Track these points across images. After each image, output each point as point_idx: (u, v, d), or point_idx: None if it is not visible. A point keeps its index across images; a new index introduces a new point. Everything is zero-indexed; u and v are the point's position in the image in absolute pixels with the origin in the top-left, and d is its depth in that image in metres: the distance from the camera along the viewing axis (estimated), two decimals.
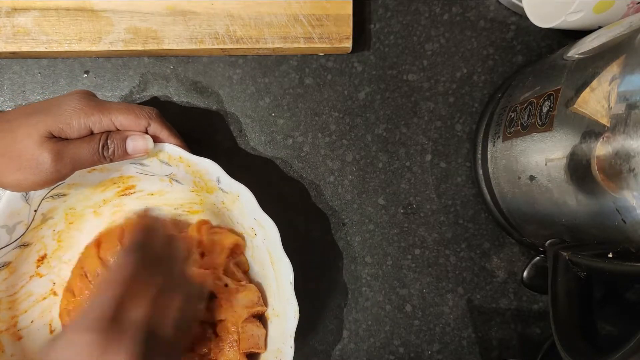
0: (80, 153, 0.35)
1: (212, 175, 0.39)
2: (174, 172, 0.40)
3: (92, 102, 0.36)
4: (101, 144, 0.36)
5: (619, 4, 0.36)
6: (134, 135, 0.37)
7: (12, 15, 0.42)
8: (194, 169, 0.39)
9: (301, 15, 0.43)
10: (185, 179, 0.41)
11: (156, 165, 0.40)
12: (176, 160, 0.39)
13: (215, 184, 0.39)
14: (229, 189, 0.39)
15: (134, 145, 0.37)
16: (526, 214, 0.39)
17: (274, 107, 0.46)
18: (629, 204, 0.28)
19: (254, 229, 0.40)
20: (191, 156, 0.38)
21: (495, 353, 0.47)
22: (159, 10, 0.42)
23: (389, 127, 0.46)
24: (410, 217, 0.47)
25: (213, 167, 0.38)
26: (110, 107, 0.36)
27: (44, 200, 0.39)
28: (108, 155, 0.36)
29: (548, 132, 0.33)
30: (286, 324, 0.39)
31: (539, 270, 0.40)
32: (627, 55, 0.29)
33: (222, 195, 0.40)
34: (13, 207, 0.38)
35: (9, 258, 0.39)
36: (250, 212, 0.39)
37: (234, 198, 0.39)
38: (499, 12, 0.46)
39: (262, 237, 0.40)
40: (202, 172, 0.39)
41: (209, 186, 0.40)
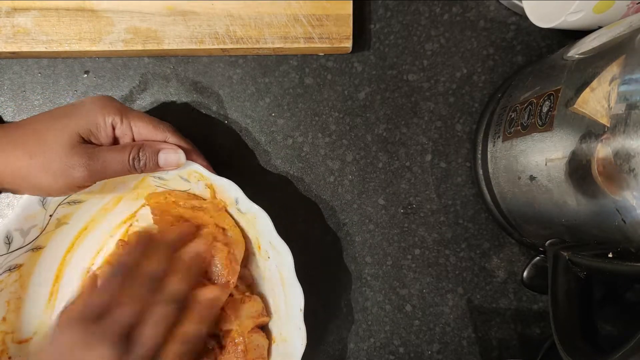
0: (112, 162, 0.35)
1: (230, 196, 0.39)
2: (192, 189, 0.40)
3: (114, 104, 0.36)
4: (132, 156, 0.36)
5: (619, 4, 0.36)
6: (166, 148, 0.37)
7: (12, 15, 0.42)
8: (212, 189, 0.39)
9: (301, 15, 0.43)
10: (203, 195, 0.41)
11: (175, 181, 0.40)
12: (196, 178, 0.39)
13: (233, 204, 0.39)
14: (246, 211, 0.39)
15: (166, 158, 0.37)
16: (526, 214, 0.39)
17: (274, 107, 0.46)
18: (629, 204, 0.28)
19: (267, 252, 0.40)
20: (212, 175, 0.38)
21: (495, 353, 0.47)
22: (159, 10, 0.42)
23: (389, 127, 0.46)
24: (410, 217, 0.47)
25: (232, 187, 0.38)
26: (131, 112, 0.37)
27: (60, 206, 0.39)
28: (139, 166, 0.36)
29: (548, 132, 0.33)
30: (293, 349, 0.39)
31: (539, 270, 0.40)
32: (627, 55, 0.29)
33: (238, 216, 0.40)
34: (29, 211, 0.38)
35: (20, 260, 0.39)
36: (266, 235, 0.39)
37: (250, 219, 0.39)
38: (499, 12, 0.46)
39: (275, 262, 0.40)
40: (220, 191, 0.39)
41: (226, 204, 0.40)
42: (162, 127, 0.37)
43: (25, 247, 0.39)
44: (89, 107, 0.35)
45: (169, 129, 0.38)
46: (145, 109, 0.45)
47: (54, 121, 0.35)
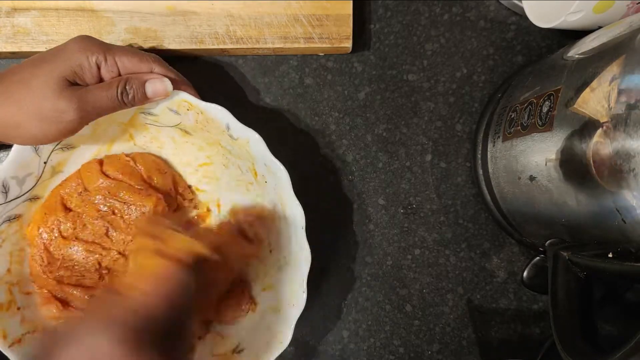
0: (101, 100, 0.35)
1: (221, 122, 0.38)
2: (183, 122, 0.40)
3: (95, 42, 0.36)
4: (120, 90, 0.35)
5: (619, 4, 0.36)
6: (152, 78, 0.37)
7: (12, 15, 0.42)
8: (203, 117, 0.39)
9: (301, 15, 0.43)
10: (195, 128, 0.41)
11: (165, 115, 0.40)
12: (185, 107, 0.38)
13: (224, 131, 0.39)
14: (238, 135, 0.38)
15: (153, 88, 0.37)
16: (526, 214, 0.39)
17: (274, 107, 0.46)
18: (629, 204, 0.28)
19: (264, 176, 0.40)
20: (200, 102, 0.38)
21: (495, 353, 0.47)
22: (159, 10, 0.42)
23: (389, 127, 0.46)
24: (410, 217, 0.47)
25: (222, 112, 0.38)
26: (114, 48, 0.36)
27: (54, 152, 0.39)
28: (129, 100, 0.36)
29: (548, 132, 0.33)
30: (298, 270, 0.39)
31: (539, 270, 0.40)
32: (627, 55, 0.29)
33: (231, 144, 0.40)
34: (23, 157, 0.38)
35: (19, 210, 0.40)
36: (261, 158, 0.39)
37: (243, 144, 0.39)
38: (499, 12, 0.46)
39: (272, 184, 0.40)
40: (211, 119, 0.39)
41: (218, 133, 0.40)
42: (147, 59, 0.37)
43: (22, 197, 0.39)
44: (71, 49, 0.35)
45: (154, 60, 0.37)
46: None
47: (38, 68, 0.34)
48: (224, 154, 0.42)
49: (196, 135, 0.42)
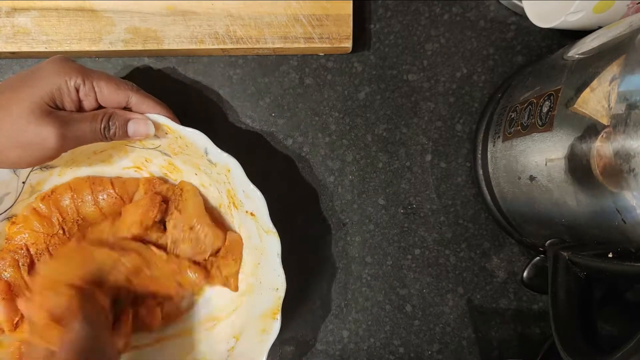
0: (84, 131, 0.35)
1: (199, 146, 0.38)
2: (162, 145, 0.40)
3: (73, 65, 0.35)
4: (103, 125, 0.35)
5: (619, 4, 0.36)
6: (136, 118, 0.37)
7: (12, 16, 0.42)
8: (182, 141, 0.39)
9: (301, 15, 0.43)
10: (174, 151, 0.41)
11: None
12: (163, 131, 0.38)
13: (203, 155, 0.39)
14: (217, 160, 0.38)
15: (135, 128, 0.37)
16: (526, 214, 0.39)
17: (274, 107, 0.46)
18: (629, 204, 0.28)
19: (242, 203, 0.40)
20: (178, 126, 0.38)
21: (495, 353, 0.47)
22: (159, 10, 0.42)
23: (389, 127, 0.46)
24: (410, 217, 0.47)
25: (201, 137, 0.37)
26: (92, 73, 0.36)
27: (32, 172, 0.39)
28: (109, 135, 0.36)
29: (548, 132, 0.33)
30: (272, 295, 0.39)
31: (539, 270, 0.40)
32: (627, 55, 0.29)
33: (210, 168, 0.40)
34: (1, 178, 0.38)
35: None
36: (239, 185, 0.39)
37: (221, 170, 0.39)
38: (499, 12, 0.46)
39: (250, 209, 0.40)
40: (190, 143, 0.39)
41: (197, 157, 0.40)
42: (124, 86, 0.37)
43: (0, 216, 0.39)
44: (49, 71, 0.34)
45: (131, 88, 0.37)
46: None
47: (17, 92, 0.34)
48: (204, 177, 0.42)
49: (176, 158, 0.42)
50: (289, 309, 0.46)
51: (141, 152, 0.42)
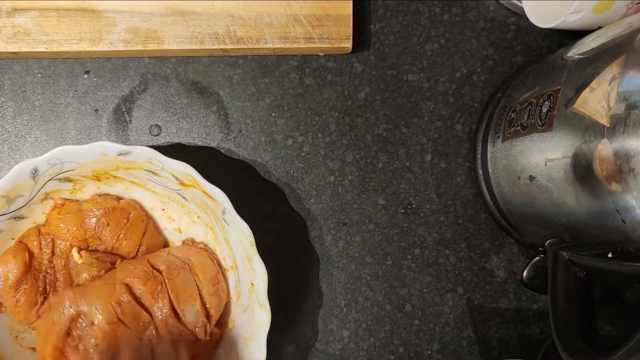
0: None
1: (218, 205, 0.38)
2: (184, 190, 0.40)
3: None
4: None
5: (618, 4, 0.36)
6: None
7: (13, 16, 0.42)
8: (203, 194, 0.39)
9: (301, 16, 0.43)
10: (193, 198, 0.41)
11: (168, 180, 0.40)
12: (187, 180, 0.39)
13: (220, 215, 0.39)
14: (231, 223, 0.38)
15: None
16: (526, 214, 0.39)
17: (274, 107, 0.46)
18: (629, 204, 0.28)
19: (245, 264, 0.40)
20: (203, 180, 0.37)
21: (495, 353, 0.47)
22: (159, 11, 0.42)
23: (389, 127, 0.46)
24: (410, 217, 0.47)
25: (222, 197, 0.37)
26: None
27: (51, 180, 0.39)
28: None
29: (548, 132, 0.33)
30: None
31: (539, 270, 0.40)
32: (627, 55, 0.29)
33: (224, 226, 0.40)
34: (19, 180, 0.38)
35: (1, 227, 0.39)
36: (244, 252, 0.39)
37: (233, 232, 0.39)
38: (499, 12, 0.46)
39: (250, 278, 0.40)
40: (209, 198, 0.39)
41: (214, 213, 0.40)
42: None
43: (7, 215, 0.39)
44: None
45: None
46: (146, 109, 0.45)
47: None
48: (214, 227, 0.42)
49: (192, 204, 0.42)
50: (289, 309, 0.46)
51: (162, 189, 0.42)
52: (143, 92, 0.45)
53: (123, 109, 0.45)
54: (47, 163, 0.37)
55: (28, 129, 0.45)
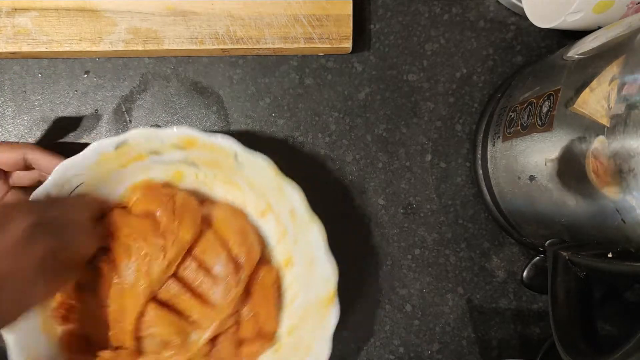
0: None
1: (228, 152, 0.38)
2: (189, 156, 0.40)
3: None
4: None
5: (618, 4, 0.36)
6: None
7: (13, 16, 0.42)
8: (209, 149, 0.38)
9: (301, 16, 0.43)
10: (201, 160, 0.40)
11: (171, 153, 0.39)
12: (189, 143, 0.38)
13: (232, 161, 0.38)
14: (247, 161, 0.38)
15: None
16: (526, 214, 0.39)
17: (274, 108, 0.46)
18: (629, 204, 0.28)
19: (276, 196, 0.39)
20: (204, 135, 0.37)
21: (495, 353, 0.47)
22: (159, 11, 0.42)
23: (389, 127, 0.46)
24: (410, 217, 0.47)
25: (230, 142, 0.37)
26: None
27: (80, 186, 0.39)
28: None
29: (548, 132, 0.33)
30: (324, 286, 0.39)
31: (539, 270, 0.40)
32: (627, 56, 0.29)
33: (240, 173, 0.39)
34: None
35: None
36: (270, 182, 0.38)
37: (254, 173, 0.39)
38: (499, 12, 0.46)
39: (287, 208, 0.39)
40: (217, 150, 0.38)
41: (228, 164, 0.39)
42: (18, 145, 0.38)
43: None
44: None
45: (26, 145, 0.38)
46: (146, 109, 0.45)
47: None
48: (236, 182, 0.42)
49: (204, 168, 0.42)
50: None
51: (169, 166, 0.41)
52: (143, 92, 0.45)
53: (123, 109, 0.45)
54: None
55: (28, 129, 0.45)
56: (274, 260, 0.43)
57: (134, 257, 0.38)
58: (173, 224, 0.38)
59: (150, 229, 0.39)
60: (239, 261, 0.40)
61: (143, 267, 0.38)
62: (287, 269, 0.42)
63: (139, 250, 0.38)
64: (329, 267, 0.38)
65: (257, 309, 0.41)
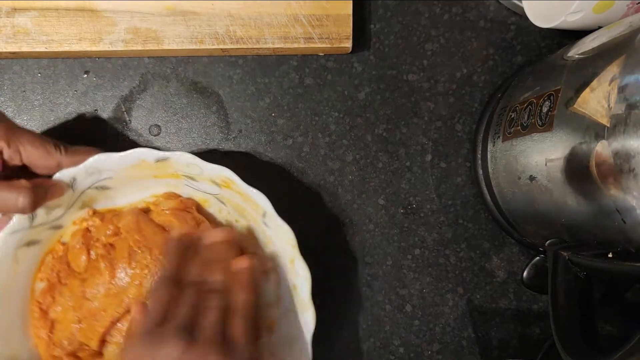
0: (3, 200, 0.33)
1: (259, 208, 0.38)
2: (222, 194, 0.40)
3: (1, 126, 0.34)
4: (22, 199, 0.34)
5: (619, 4, 0.36)
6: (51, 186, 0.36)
7: (12, 16, 0.42)
8: (242, 197, 0.39)
9: (301, 16, 0.43)
10: (230, 202, 0.41)
11: (206, 184, 0.40)
12: (226, 184, 0.39)
13: (259, 217, 0.39)
14: (271, 223, 0.39)
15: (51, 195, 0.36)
16: (526, 214, 0.39)
17: (274, 107, 0.46)
18: (629, 204, 0.28)
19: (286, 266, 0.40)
20: (243, 183, 0.37)
21: (495, 353, 0.47)
22: (159, 11, 0.42)
23: (389, 127, 0.46)
24: (410, 217, 0.47)
25: (263, 200, 0.37)
26: (20, 134, 0.34)
27: (89, 189, 0.39)
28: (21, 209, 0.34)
29: (548, 132, 0.33)
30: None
31: (539, 270, 0.40)
32: (627, 55, 0.29)
33: (264, 229, 0.40)
34: None
35: (40, 237, 0.39)
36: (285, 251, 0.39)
37: (274, 236, 0.39)
38: (499, 12, 0.46)
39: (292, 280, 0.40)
40: (249, 201, 0.39)
41: (253, 217, 0.40)
42: (54, 151, 0.36)
43: (47, 224, 0.39)
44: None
45: (61, 152, 0.36)
46: (146, 109, 0.45)
47: None
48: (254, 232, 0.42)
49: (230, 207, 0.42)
50: None
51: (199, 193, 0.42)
52: (143, 92, 0.45)
53: (123, 109, 0.45)
54: (85, 172, 0.38)
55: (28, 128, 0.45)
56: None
57: (134, 265, 0.38)
58: None
59: (161, 244, 0.39)
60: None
61: (138, 278, 0.38)
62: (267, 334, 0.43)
63: (141, 260, 0.38)
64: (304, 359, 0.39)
65: None
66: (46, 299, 0.40)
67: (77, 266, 0.40)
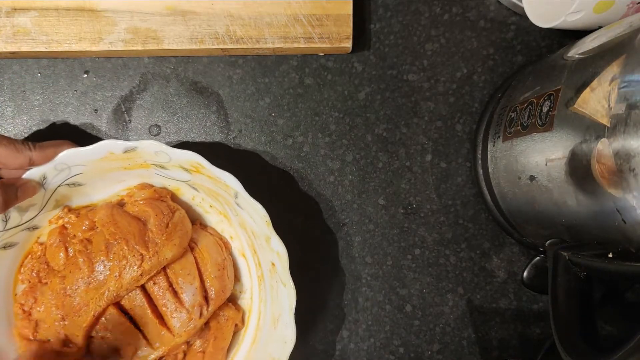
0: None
1: (230, 190, 0.38)
2: (193, 180, 0.40)
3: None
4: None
5: (619, 4, 0.36)
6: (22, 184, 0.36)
7: (12, 15, 0.42)
8: (213, 181, 0.39)
9: (301, 15, 0.43)
10: (202, 187, 0.41)
11: (176, 171, 0.40)
12: (196, 169, 0.39)
13: (231, 199, 0.39)
14: (244, 204, 0.38)
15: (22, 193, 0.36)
16: (526, 214, 0.39)
17: (274, 107, 0.46)
18: (629, 204, 0.28)
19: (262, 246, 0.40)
20: (211, 166, 0.37)
21: (495, 353, 0.47)
22: (159, 10, 0.42)
23: (389, 127, 0.46)
24: (410, 217, 0.47)
25: (233, 181, 0.37)
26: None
27: (60, 186, 0.39)
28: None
29: (548, 132, 0.33)
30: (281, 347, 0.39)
31: (539, 270, 0.40)
32: (627, 55, 0.29)
33: (238, 211, 0.40)
34: None
35: (16, 239, 0.39)
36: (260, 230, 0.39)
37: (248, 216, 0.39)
38: (499, 12, 0.46)
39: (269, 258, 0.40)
40: (220, 184, 0.39)
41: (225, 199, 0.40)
42: (22, 148, 0.36)
43: (22, 226, 0.39)
44: None
45: (30, 148, 0.36)
46: (145, 109, 0.45)
47: None
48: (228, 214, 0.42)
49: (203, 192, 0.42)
50: None
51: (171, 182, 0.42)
52: (143, 92, 0.45)
53: (122, 109, 0.45)
54: (54, 169, 0.37)
55: (28, 129, 0.45)
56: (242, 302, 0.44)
57: (111, 257, 0.38)
58: (161, 237, 0.39)
59: (136, 234, 0.39)
60: (209, 294, 0.41)
61: (116, 270, 0.38)
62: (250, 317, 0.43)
63: (118, 251, 0.38)
64: (289, 332, 0.39)
65: (208, 347, 0.41)
66: (28, 300, 0.40)
67: (56, 264, 0.40)
